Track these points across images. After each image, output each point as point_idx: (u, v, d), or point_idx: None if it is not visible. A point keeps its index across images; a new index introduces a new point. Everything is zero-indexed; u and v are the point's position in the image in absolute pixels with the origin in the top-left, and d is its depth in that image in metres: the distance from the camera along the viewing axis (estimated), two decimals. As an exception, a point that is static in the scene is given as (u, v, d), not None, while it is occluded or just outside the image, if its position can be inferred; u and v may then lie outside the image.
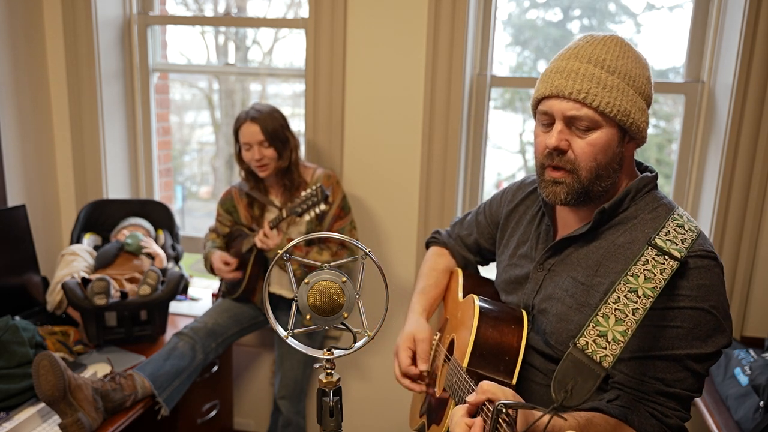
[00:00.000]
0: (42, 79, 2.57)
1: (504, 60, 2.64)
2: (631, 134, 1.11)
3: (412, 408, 1.56)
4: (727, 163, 2.05)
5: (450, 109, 2.24)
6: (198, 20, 2.97)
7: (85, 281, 2.10)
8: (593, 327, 0.97)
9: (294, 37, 2.94)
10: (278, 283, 2.31)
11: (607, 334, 0.96)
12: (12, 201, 2.42)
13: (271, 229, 2.07)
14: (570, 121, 1.09)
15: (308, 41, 2.34)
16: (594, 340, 0.96)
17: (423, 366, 1.35)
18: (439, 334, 1.47)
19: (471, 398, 0.96)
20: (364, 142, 2.39)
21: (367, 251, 0.93)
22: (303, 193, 2.02)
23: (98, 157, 2.61)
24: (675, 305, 1.03)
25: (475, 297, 1.27)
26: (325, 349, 0.95)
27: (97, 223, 2.48)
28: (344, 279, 0.91)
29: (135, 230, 2.40)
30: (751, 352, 1.91)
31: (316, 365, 0.96)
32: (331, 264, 0.94)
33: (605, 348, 0.95)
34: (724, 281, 1.07)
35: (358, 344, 0.95)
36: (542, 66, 2.78)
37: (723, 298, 1.05)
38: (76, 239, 2.40)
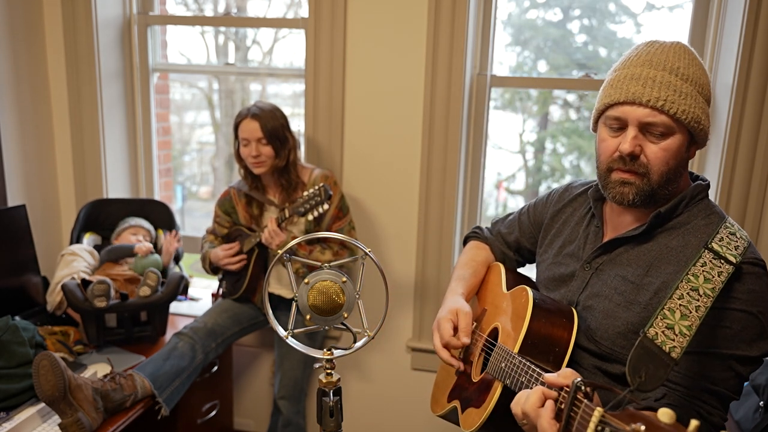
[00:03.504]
0: (42, 79, 2.57)
1: (504, 60, 2.64)
2: (698, 139, 1.15)
3: (435, 393, 1.55)
4: (727, 163, 2.05)
5: (450, 109, 2.24)
6: (198, 20, 2.97)
7: (85, 282, 2.10)
8: (661, 319, 1.01)
9: (294, 37, 2.94)
10: (278, 283, 2.31)
11: (674, 327, 1.00)
12: (12, 201, 2.42)
13: (278, 226, 2.08)
14: (644, 127, 1.11)
15: (308, 41, 2.34)
16: (663, 332, 1.00)
17: (465, 339, 1.33)
18: (475, 324, 1.45)
19: (551, 378, 0.98)
20: (364, 142, 2.39)
21: (367, 251, 0.93)
22: (306, 193, 2.02)
23: (98, 157, 2.61)
24: (726, 306, 1.06)
25: (528, 288, 1.29)
26: (325, 349, 0.95)
27: (97, 223, 2.47)
28: (344, 279, 0.91)
29: (138, 232, 2.40)
30: (751, 352, 1.90)
31: (316, 365, 0.97)
32: (332, 264, 0.94)
33: (673, 340, 0.99)
34: None
35: (358, 344, 0.95)
36: (542, 66, 2.78)
37: None
38: (76, 239, 2.40)
